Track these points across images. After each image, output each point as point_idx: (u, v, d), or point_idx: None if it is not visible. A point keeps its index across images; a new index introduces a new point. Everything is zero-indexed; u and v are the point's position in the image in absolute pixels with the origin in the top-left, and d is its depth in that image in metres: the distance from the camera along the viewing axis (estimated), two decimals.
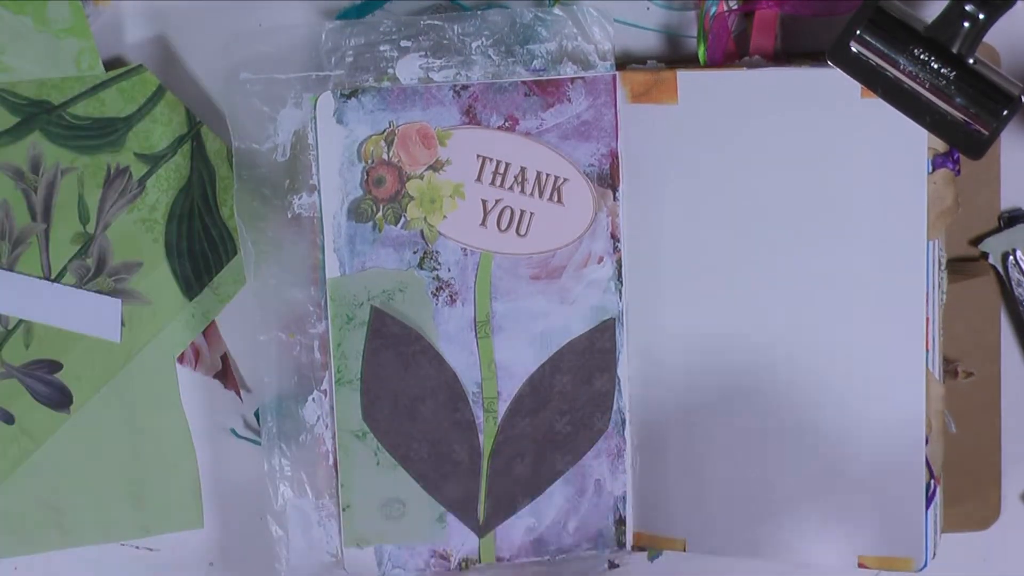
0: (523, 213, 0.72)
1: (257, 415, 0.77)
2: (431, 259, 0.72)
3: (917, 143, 0.69)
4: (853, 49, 0.65)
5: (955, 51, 0.64)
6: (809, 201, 0.70)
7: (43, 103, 0.73)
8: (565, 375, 0.73)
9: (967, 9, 0.63)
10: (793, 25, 0.72)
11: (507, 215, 0.72)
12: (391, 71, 0.71)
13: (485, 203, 0.72)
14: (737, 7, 0.71)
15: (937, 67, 0.64)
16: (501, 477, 0.73)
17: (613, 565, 0.77)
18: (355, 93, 0.71)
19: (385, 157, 0.71)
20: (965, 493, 0.75)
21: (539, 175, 0.71)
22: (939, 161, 0.70)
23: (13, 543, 0.77)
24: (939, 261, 0.71)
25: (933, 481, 0.71)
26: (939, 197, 0.70)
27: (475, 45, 0.71)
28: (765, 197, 0.71)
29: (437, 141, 0.71)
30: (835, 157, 0.70)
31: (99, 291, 0.75)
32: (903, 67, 0.65)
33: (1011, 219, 0.74)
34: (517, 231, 0.72)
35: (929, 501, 0.71)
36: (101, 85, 0.73)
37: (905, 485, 0.71)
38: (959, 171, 0.70)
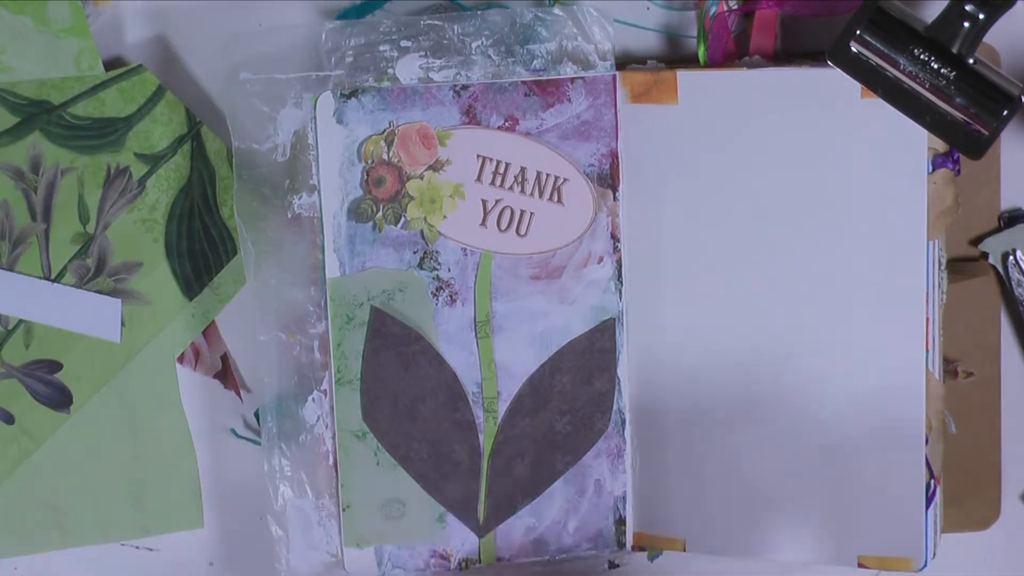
0: (523, 213, 0.72)
1: (257, 415, 0.77)
2: (431, 259, 0.72)
3: (917, 143, 0.69)
4: (853, 49, 0.65)
5: (955, 51, 0.64)
6: (809, 201, 0.70)
7: (43, 103, 0.73)
8: (565, 375, 0.73)
9: (967, 9, 0.63)
10: (793, 25, 0.72)
11: (507, 215, 0.72)
12: (391, 71, 0.71)
13: (485, 203, 0.72)
14: (737, 7, 0.71)
15: (937, 67, 0.64)
16: (501, 477, 0.73)
17: (613, 565, 0.77)
18: (355, 93, 0.71)
19: (385, 157, 0.71)
20: (965, 493, 0.75)
21: (539, 175, 0.71)
22: (939, 161, 0.70)
23: (13, 543, 0.77)
24: (939, 261, 0.71)
25: (933, 481, 0.71)
26: (939, 197, 0.70)
27: (475, 45, 0.71)
28: (765, 197, 0.71)
29: (437, 141, 0.71)
30: (835, 157, 0.70)
31: (99, 291, 0.75)
32: (903, 67, 0.65)
33: (1011, 219, 0.74)
34: (517, 231, 0.72)
35: (929, 501, 0.71)
36: (101, 85, 0.73)
37: (905, 485, 0.71)
38: (959, 171, 0.70)
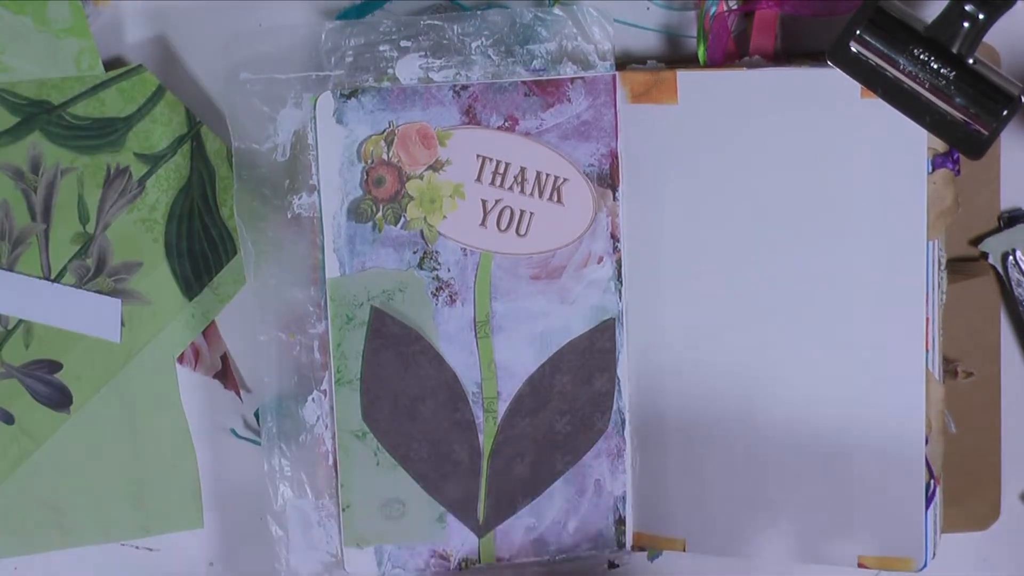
0: (523, 213, 0.72)
1: (257, 415, 0.77)
2: (431, 259, 0.72)
3: (917, 143, 0.69)
4: (853, 49, 0.65)
5: (955, 51, 0.64)
6: (809, 201, 0.70)
7: (43, 103, 0.73)
8: (565, 375, 0.73)
9: (967, 9, 0.63)
10: (793, 25, 0.72)
11: (507, 215, 0.72)
12: (391, 71, 0.71)
13: (485, 203, 0.72)
14: (737, 7, 0.71)
15: (937, 67, 0.64)
16: (501, 477, 0.73)
17: (613, 565, 0.77)
18: (355, 93, 0.71)
19: (385, 157, 0.71)
20: (965, 493, 0.75)
21: (539, 175, 0.71)
22: (939, 161, 0.70)
23: (13, 543, 0.77)
24: (939, 261, 0.71)
25: (933, 481, 0.71)
26: (939, 197, 0.70)
27: (475, 45, 0.71)
28: (765, 197, 0.71)
29: (437, 141, 0.71)
30: (835, 157, 0.70)
31: (99, 291, 0.75)
32: (903, 67, 0.65)
33: (1011, 219, 0.74)
34: (517, 231, 0.72)
35: (929, 501, 0.71)
36: (101, 85, 0.73)
37: (905, 485, 0.71)
38: (959, 171, 0.70)
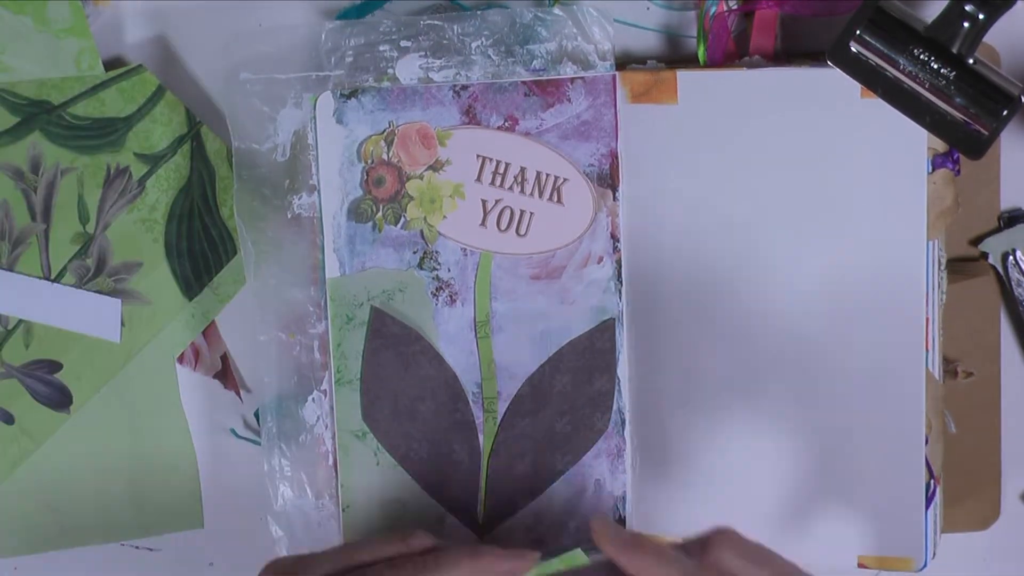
0: (523, 213, 0.72)
1: (257, 415, 0.77)
2: (431, 259, 0.72)
3: (917, 143, 0.69)
4: (853, 49, 0.65)
5: (955, 51, 0.64)
6: (809, 201, 0.70)
7: (43, 103, 0.73)
8: (565, 375, 0.73)
9: (967, 9, 0.63)
10: (793, 25, 0.72)
11: (507, 215, 0.72)
12: (391, 71, 0.71)
13: (485, 203, 0.72)
14: (737, 7, 0.71)
15: (937, 67, 0.64)
16: (501, 477, 0.73)
17: None
18: (355, 93, 0.71)
19: (385, 157, 0.71)
20: (965, 493, 0.75)
21: (539, 175, 0.71)
22: (939, 161, 0.70)
23: (13, 543, 0.77)
24: (939, 261, 0.71)
25: (933, 481, 0.71)
26: (939, 197, 0.70)
27: (475, 45, 0.71)
28: (765, 197, 0.71)
29: (437, 141, 0.71)
30: (835, 157, 0.70)
31: (99, 291, 0.75)
32: (903, 67, 0.65)
33: (1011, 219, 0.74)
34: (517, 231, 0.72)
35: (929, 501, 0.71)
36: (101, 85, 0.73)
37: (905, 485, 0.71)
38: (959, 171, 0.70)
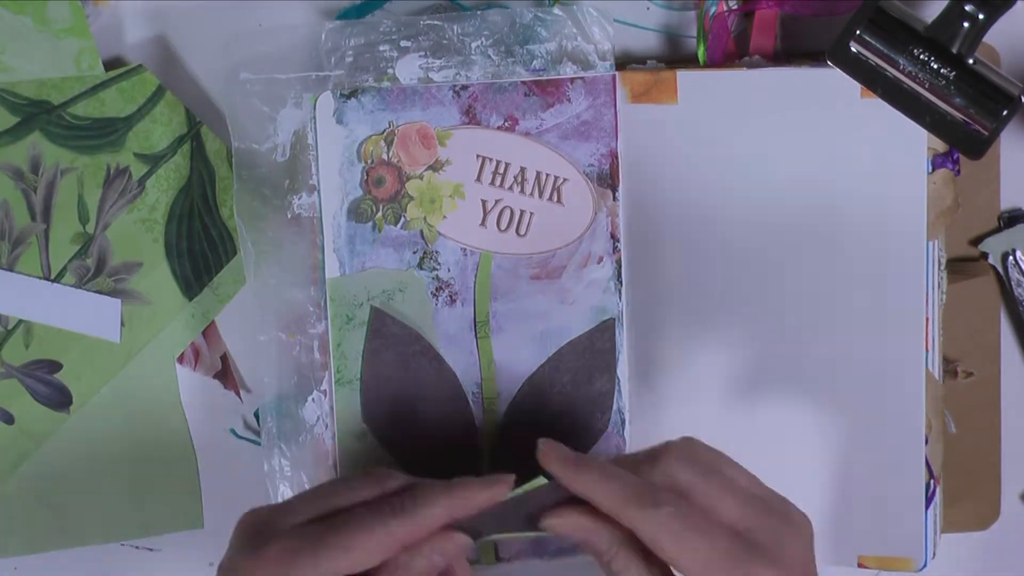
0: (523, 213, 0.72)
1: (257, 415, 0.77)
2: (431, 259, 0.72)
3: (917, 143, 0.69)
4: (853, 49, 0.65)
5: (955, 51, 0.64)
6: (809, 201, 0.70)
7: (43, 103, 0.73)
8: (565, 375, 0.73)
9: (967, 9, 0.63)
10: (793, 25, 0.72)
11: (507, 215, 0.72)
12: (391, 71, 0.71)
13: (485, 203, 0.72)
14: (737, 7, 0.71)
15: (937, 67, 0.64)
16: None
17: None
18: (355, 93, 0.71)
19: (385, 157, 0.71)
20: (965, 493, 0.75)
21: (539, 175, 0.71)
22: (939, 161, 0.70)
23: (13, 543, 0.77)
24: (939, 261, 0.71)
25: (933, 481, 0.71)
26: (939, 197, 0.70)
27: (475, 45, 0.71)
28: (765, 197, 0.71)
29: (437, 141, 0.71)
30: (835, 157, 0.70)
31: (99, 291, 0.75)
32: (903, 67, 0.65)
33: (1011, 219, 0.74)
34: (517, 231, 0.72)
35: (929, 501, 0.71)
36: (101, 85, 0.73)
37: (905, 485, 0.71)
38: (959, 171, 0.70)
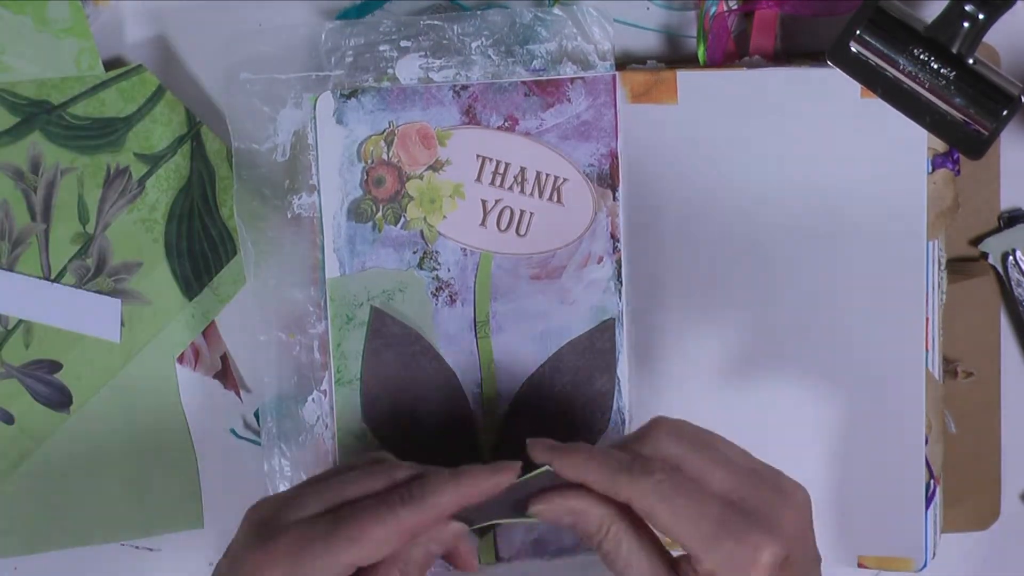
0: (523, 213, 0.72)
1: (257, 415, 0.77)
2: (431, 259, 0.72)
3: (917, 143, 0.69)
4: (853, 49, 0.65)
5: (955, 51, 0.64)
6: (809, 201, 0.70)
7: (43, 103, 0.73)
8: (565, 375, 0.73)
9: (967, 9, 0.63)
10: (793, 25, 0.72)
11: (507, 215, 0.72)
12: (391, 71, 0.71)
13: (485, 203, 0.72)
14: (737, 7, 0.71)
15: (937, 67, 0.64)
16: None
17: None
18: (355, 93, 0.71)
19: (385, 157, 0.71)
20: (965, 493, 0.75)
21: (539, 175, 0.71)
22: (939, 161, 0.70)
23: (13, 543, 0.77)
24: (939, 261, 0.71)
25: (933, 481, 0.71)
26: (939, 197, 0.70)
27: (475, 45, 0.71)
28: (765, 197, 0.71)
29: (437, 141, 0.71)
30: (835, 157, 0.70)
31: (99, 291, 0.75)
32: (903, 67, 0.65)
33: (1011, 219, 0.74)
34: (517, 231, 0.72)
35: (929, 501, 0.71)
36: (101, 85, 0.73)
37: (905, 485, 0.71)
38: (959, 171, 0.70)
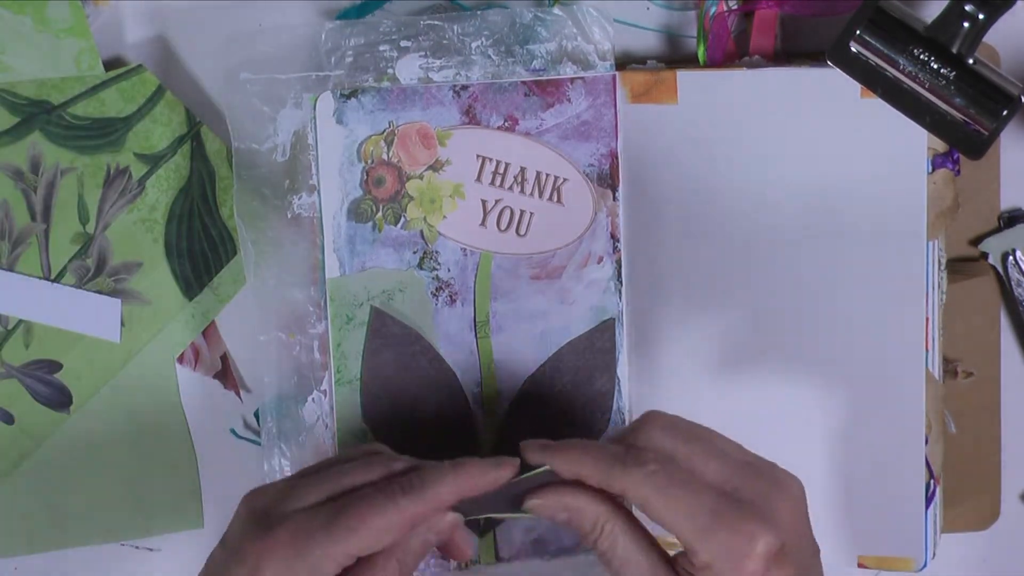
0: (523, 213, 0.72)
1: (257, 415, 0.77)
2: (431, 259, 0.72)
3: (917, 143, 0.69)
4: (853, 49, 0.65)
5: (955, 51, 0.64)
6: (809, 201, 0.70)
7: (43, 103, 0.73)
8: (565, 375, 0.73)
9: (967, 9, 0.63)
10: (793, 25, 0.72)
11: (507, 215, 0.72)
12: (391, 71, 0.71)
13: (485, 203, 0.72)
14: (737, 7, 0.71)
15: (937, 67, 0.64)
16: None
17: None
18: (355, 93, 0.71)
19: (385, 157, 0.71)
20: (965, 493, 0.75)
21: (539, 175, 0.71)
22: (939, 161, 0.70)
23: (13, 543, 0.77)
24: (939, 261, 0.71)
25: (933, 481, 0.71)
26: (939, 197, 0.70)
27: (475, 45, 0.71)
28: (765, 197, 0.71)
29: (437, 141, 0.71)
30: (835, 157, 0.70)
31: (99, 291, 0.75)
32: (903, 67, 0.65)
33: (1011, 219, 0.74)
34: (517, 231, 0.72)
35: (929, 501, 0.71)
36: (101, 85, 0.73)
37: (905, 485, 0.71)
38: (959, 171, 0.70)
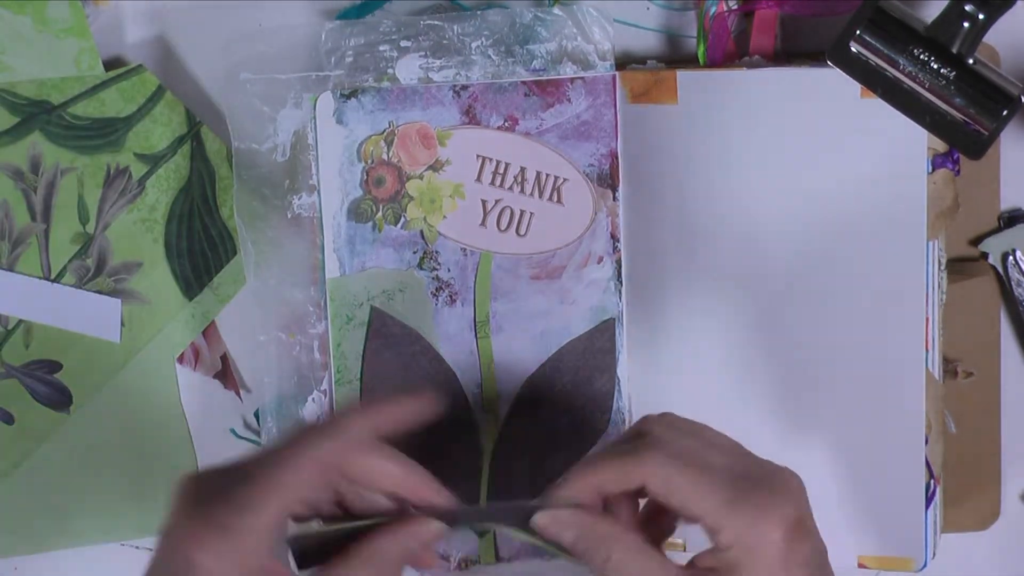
0: (523, 213, 0.72)
1: (257, 415, 0.77)
2: (431, 259, 0.72)
3: (917, 143, 0.69)
4: (853, 49, 0.65)
5: (955, 51, 0.64)
6: (809, 201, 0.70)
7: (43, 103, 0.73)
8: (565, 375, 0.73)
9: (967, 9, 0.63)
10: (793, 25, 0.72)
11: (507, 215, 0.72)
12: (391, 71, 0.71)
13: (485, 203, 0.72)
14: (737, 7, 0.71)
15: (937, 67, 0.64)
16: (501, 477, 0.73)
17: None
18: (355, 93, 0.71)
19: (385, 157, 0.71)
20: (965, 493, 0.75)
21: (539, 175, 0.71)
22: (939, 161, 0.69)
23: (14, 543, 0.77)
24: (939, 261, 0.71)
25: (933, 481, 0.71)
26: (939, 197, 0.70)
27: (475, 45, 0.71)
28: (765, 197, 0.71)
29: (437, 141, 0.71)
30: (835, 157, 0.70)
31: (99, 291, 0.75)
32: (903, 67, 0.65)
33: (1011, 219, 0.74)
34: (517, 231, 0.72)
35: (929, 501, 0.71)
36: (101, 85, 0.73)
37: (905, 485, 0.71)
38: (959, 171, 0.70)
